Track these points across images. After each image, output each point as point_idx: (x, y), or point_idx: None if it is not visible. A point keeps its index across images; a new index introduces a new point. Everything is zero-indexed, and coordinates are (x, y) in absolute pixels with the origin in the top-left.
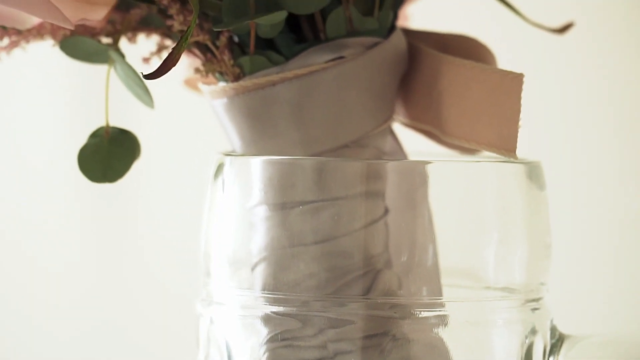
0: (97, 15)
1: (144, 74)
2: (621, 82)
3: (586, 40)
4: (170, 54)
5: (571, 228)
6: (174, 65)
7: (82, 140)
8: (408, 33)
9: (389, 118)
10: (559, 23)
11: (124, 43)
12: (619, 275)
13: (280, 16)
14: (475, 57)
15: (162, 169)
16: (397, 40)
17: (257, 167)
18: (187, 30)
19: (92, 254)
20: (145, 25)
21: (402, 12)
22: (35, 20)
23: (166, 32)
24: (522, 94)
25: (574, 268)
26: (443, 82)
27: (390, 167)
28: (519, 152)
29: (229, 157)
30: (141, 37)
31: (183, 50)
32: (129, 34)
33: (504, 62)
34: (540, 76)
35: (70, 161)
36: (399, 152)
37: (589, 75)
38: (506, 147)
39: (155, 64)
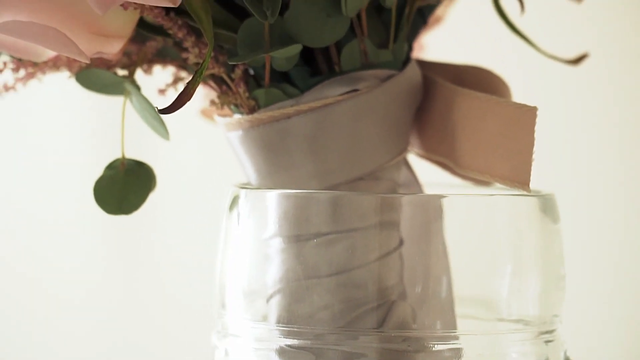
0: (112, 49)
1: (158, 108)
2: (637, 114)
3: (601, 71)
4: (185, 89)
5: (585, 259)
6: (189, 99)
7: (99, 171)
8: (423, 64)
9: (403, 150)
10: (573, 54)
11: (140, 74)
12: (633, 306)
13: (295, 50)
14: (489, 88)
15: (177, 201)
16: (411, 72)
17: (272, 200)
18: (201, 64)
19: (109, 287)
20: (161, 57)
21: (417, 42)
22: (51, 53)
23: (182, 64)
24: (536, 127)
25: (588, 299)
26: (457, 114)
27: (405, 200)
28: (533, 184)
29: (244, 190)
30: (157, 68)
31: (198, 85)
32: (145, 66)
33: (518, 93)
34: (555, 107)
35: (88, 193)
36: (413, 183)
37: (603, 107)
38: (520, 180)
39: (171, 95)
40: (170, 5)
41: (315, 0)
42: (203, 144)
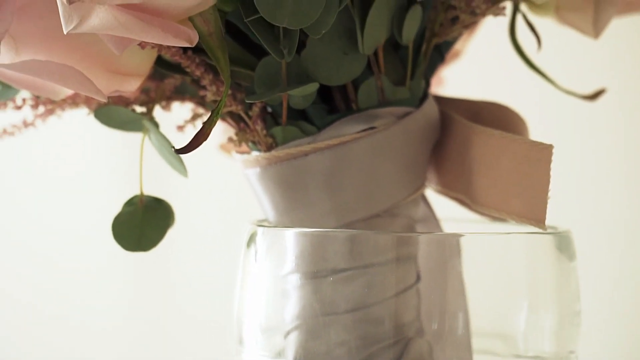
0: (130, 87)
1: (175, 148)
2: None
3: (618, 107)
4: (201, 129)
5: (602, 295)
6: (205, 139)
7: (117, 208)
8: (440, 100)
9: (420, 187)
10: (590, 89)
11: (158, 110)
12: None
13: (311, 88)
14: (506, 124)
15: (195, 237)
16: (429, 109)
17: (289, 238)
18: (218, 104)
19: (127, 325)
20: (180, 94)
21: (436, 76)
22: (69, 91)
23: (200, 101)
24: (552, 165)
25: (604, 335)
26: (474, 151)
27: (423, 239)
28: (550, 219)
29: (261, 228)
30: (175, 104)
31: (214, 125)
32: (163, 103)
33: (535, 128)
34: (571, 142)
35: (106, 230)
36: (431, 219)
37: (620, 143)
38: (536, 217)
39: (190, 131)
40: (187, 45)
41: (332, 39)
42: (221, 180)
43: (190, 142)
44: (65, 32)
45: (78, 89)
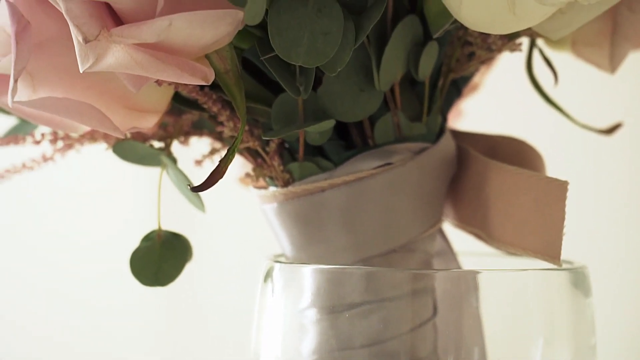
0: (147, 123)
1: (191, 186)
2: None
3: (635, 140)
4: (217, 167)
5: (617, 330)
6: (221, 177)
7: (135, 243)
8: (457, 135)
9: (437, 222)
10: (607, 123)
11: (177, 143)
12: None
13: (328, 125)
14: (523, 158)
15: (213, 271)
16: (445, 144)
17: (306, 275)
18: (234, 143)
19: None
20: (198, 128)
21: (455, 108)
22: (87, 127)
23: (218, 136)
24: (567, 201)
25: None
26: (490, 187)
27: (440, 276)
28: (566, 255)
29: (278, 264)
30: (194, 138)
31: (230, 163)
32: (181, 138)
33: (551, 163)
34: (588, 176)
35: (124, 264)
36: (448, 253)
37: (636, 176)
38: (551, 254)
39: (208, 166)
40: (203, 83)
41: (348, 75)
42: (239, 214)
43: (206, 180)
44: (81, 71)
45: (95, 126)
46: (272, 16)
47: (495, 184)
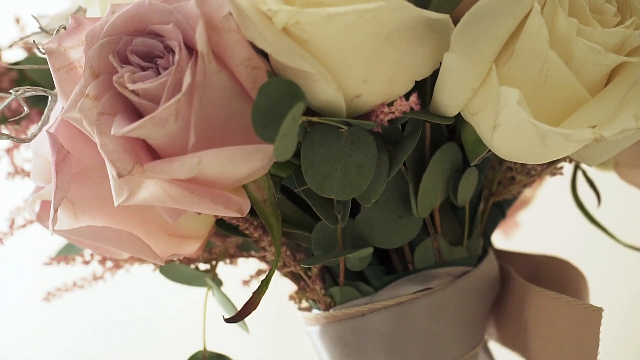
0: (189, 249)
1: (225, 317)
2: None
3: None
4: (250, 299)
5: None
6: (255, 308)
7: None
8: (501, 255)
9: (478, 343)
10: None
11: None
12: None
13: (366, 252)
14: (566, 279)
15: None
16: (487, 267)
17: None
18: (267, 275)
19: None
20: (245, 250)
21: (512, 220)
22: None
23: (264, 257)
24: (601, 328)
25: None
26: (529, 311)
27: None
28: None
29: None
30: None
31: (264, 294)
32: (227, 260)
33: (594, 282)
34: (630, 297)
35: None
36: None
37: None
38: None
39: (255, 286)
40: (238, 215)
41: (386, 203)
42: (281, 337)
43: (239, 311)
44: (115, 205)
45: (136, 254)
46: (305, 150)
47: (534, 307)
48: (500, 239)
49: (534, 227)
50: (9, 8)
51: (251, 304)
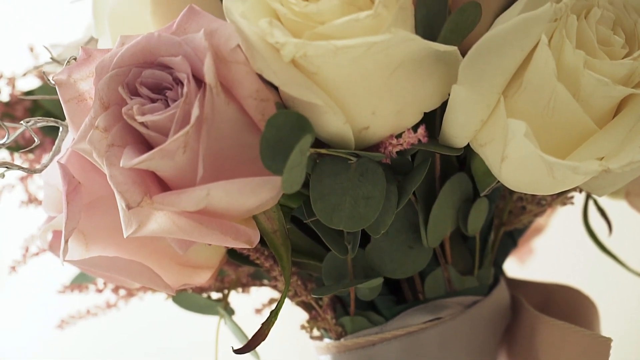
0: (200, 279)
1: (234, 348)
2: None
3: None
4: (260, 329)
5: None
6: (264, 339)
7: None
8: (512, 283)
9: None
10: None
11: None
12: None
13: (377, 282)
14: (576, 308)
15: None
16: (498, 296)
17: None
18: (276, 306)
19: None
20: (257, 279)
21: (527, 246)
22: None
23: (275, 285)
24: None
25: None
26: (539, 340)
27: None
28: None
29: None
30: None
31: (272, 325)
32: (239, 289)
33: (605, 310)
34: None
35: None
36: None
37: None
38: None
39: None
40: (247, 246)
41: (396, 233)
42: None
43: (249, 341)
44: (125, 236)
45: (147, 284)
46: (314, 181)
47: (544, 337)
48: (514, 266)
49: (549, 253)
50: (24, 36)
51: (260, 335)
